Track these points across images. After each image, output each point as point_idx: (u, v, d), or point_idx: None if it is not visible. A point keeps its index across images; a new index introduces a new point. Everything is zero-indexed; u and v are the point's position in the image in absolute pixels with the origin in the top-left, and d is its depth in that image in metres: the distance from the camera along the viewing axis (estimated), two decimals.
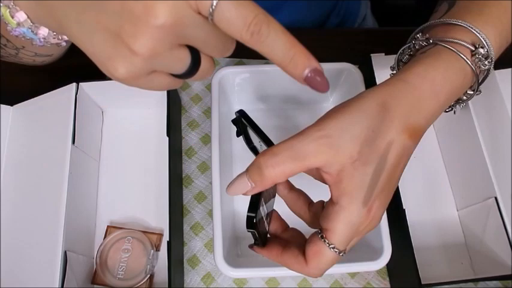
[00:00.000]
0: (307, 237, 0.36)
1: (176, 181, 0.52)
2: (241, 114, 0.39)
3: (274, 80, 0.53)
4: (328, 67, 0.51)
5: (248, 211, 0.32)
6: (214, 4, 0.25)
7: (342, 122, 0.31)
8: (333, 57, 0.51)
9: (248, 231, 0.33)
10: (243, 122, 0.39)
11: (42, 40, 0.36)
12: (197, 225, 0.53)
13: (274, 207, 0.39)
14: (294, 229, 0.38)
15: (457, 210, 0.53)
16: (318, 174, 0.33)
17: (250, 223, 0.32)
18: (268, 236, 0.38)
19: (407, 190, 0.47)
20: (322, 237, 0.32)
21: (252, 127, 0.38)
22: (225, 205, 0.47)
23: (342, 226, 0.32)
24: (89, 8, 0.27)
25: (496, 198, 0.45)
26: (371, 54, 0.52)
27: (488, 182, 0.46)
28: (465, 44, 0.35)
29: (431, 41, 0.36)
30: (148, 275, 0.48)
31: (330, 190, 0.33)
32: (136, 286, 0.48)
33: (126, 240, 0.50)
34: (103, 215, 0.53)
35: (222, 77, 0.52)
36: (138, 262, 0.49)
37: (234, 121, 0.41)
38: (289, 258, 0.34)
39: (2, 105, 0.52)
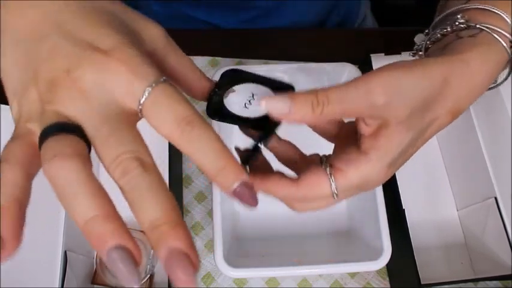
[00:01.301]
0: None
1: (176, 181, 0.52)
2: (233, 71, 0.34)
3: None
4: (328, 67, 0.51)
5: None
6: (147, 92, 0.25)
7: (404, 80, 0.30)
8: (333, 57, 0.51)
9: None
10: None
11: None
12: (197, 225, 0.53)
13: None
14: (279, 172, 0.35)
15: (457, 210, 0.53)
16: (344, 126, 0.33)
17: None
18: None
19: (407, 190, 0.47)
20: (329, 170, 0.31)
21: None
22: (225, 205, 0.47)
23: (357, 175, 0.30)
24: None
25: (496, 198, 0.45)
26: (371, 54, 0.52)
27: (488, 182, 0.46)
28: (507, 34, 0.34)
29: (476, 26, 0.35)
30: (148, 275, 0.48)
31: (361, 139, 0.31)
32: None
33: None
34: None
35: None
36: None
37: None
38: (275, 179, 0.32)
39: (1, 105, 0.52)
